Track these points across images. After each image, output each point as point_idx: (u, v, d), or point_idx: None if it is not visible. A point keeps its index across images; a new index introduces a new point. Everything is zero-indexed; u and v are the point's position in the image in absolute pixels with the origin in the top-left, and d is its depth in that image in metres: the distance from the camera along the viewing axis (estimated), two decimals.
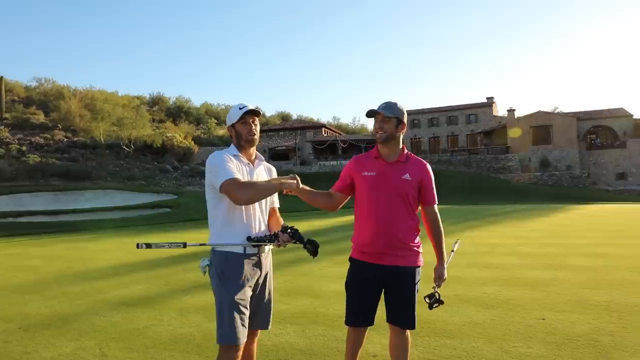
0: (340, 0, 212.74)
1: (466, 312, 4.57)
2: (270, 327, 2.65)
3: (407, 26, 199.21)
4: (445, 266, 2.73)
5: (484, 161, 44.90)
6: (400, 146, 2.64)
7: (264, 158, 2.71)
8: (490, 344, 3.72)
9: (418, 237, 2.66)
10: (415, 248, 2.60)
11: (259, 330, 2.66)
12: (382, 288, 2.59)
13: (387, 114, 2.53)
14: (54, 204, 23.42)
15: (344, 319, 2.69)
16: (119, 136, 43.86)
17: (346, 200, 2.82)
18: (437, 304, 2.65)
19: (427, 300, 2.66)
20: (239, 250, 2.46)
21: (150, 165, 42.52)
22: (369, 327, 2.72)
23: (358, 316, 2.62)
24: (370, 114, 2.60)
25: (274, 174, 2.77)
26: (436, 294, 2.66)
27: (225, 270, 2.44)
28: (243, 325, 2.41)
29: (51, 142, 44.73)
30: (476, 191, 32.45)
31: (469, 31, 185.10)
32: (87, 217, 20.43)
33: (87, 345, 4.10)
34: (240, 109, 2.52)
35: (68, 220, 19.58)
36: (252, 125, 2.56)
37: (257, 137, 2.59)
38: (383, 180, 2.55)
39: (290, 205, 8.15)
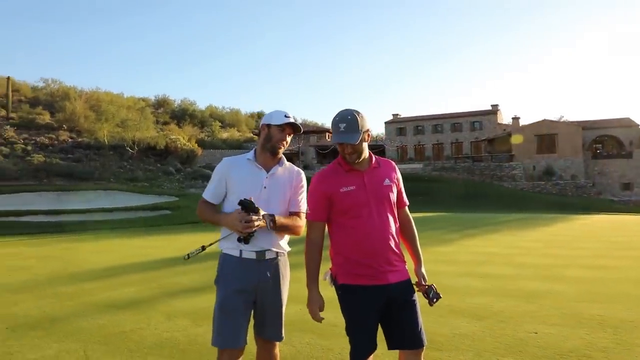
0: (346, 4, 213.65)
1: (456, 323, 4.48)
2: (282, 338, 2.56)
3: (415, 33, 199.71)
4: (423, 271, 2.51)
5: (488, 169, 44.68)
6: (368, 152, 2.40)
7: (285, 162, 2.59)
8: (479, 357, 3.63)
9: None
10: (403, 257, 2.40)
11: (277, 343, 2.57)
12: (382, 309, 2.30)
13: (355, 142, 2.24)
14: (56, 204, 23.48)
15: (350, 355, 2.32)
16: (123, 137, 43.99)
17: None
18: (436, 299, 2.44)
19: (426, 295, 2.44)
20: (235, 253, 2.44)
21: (153, 167, 42.61)
22: None
23: (367, 348, 2.29)
24: (337, 144, 2.31)
25: (297, 177, 2.61)
26: (433, 287, 2.44)
27: (220, 271, 2.49)
28: (232, 330, 2.38)
29: (56, 142, 44.90)
30: (479, 199, 32.28)
31: (476, 37, 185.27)
32: (88, 217, 20.47)
33: (71, 348, 4.06)
34: (285, 116, 2.50)
35: (68, 220, 19.62)
36: (287, 136, 2.52)
37: (282, 150, 2.54)
38: (367, 192, 2.31)
39: None
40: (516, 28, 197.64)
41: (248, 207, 2.28)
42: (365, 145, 2.34)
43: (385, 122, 56.73)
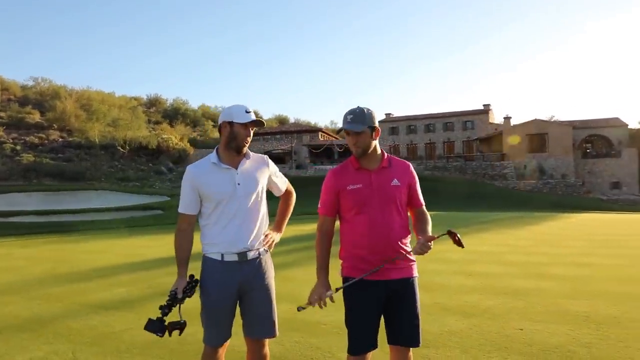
0: (340, 4, 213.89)
1: (445, 321, 4.54)
2: (275, 334, 2.59)
3: (407, 33, 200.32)
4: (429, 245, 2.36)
5: (480, 168, 44.95)
6: (379, 151, 2.47)
7: (250, 153, 2.58)
8: (466, 354, 3.69)
9: (410, 246, 2.50)
10: (411, 257, 2.45)
11: (266, 341, 2.61)
12: (383, 306, 2.40)
13: (358, 130, 2.34)
14: (46, 204, 23.32)
15: (348, 348, 2.40)
16: (114, 137, 43.81)
17: None
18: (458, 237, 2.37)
19: (453, 237, 2.37)
20: (217, 257, 2.48)
21: (145, 167, 42.44)
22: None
23: (365, 342, 2.37)
24: (341, 131, 2.42)
25: (266, 162, 2.66)
26: (452, 231, 2.37)
27: (202, 274, 2.53)
28: (216, 329, 2.49)
29: (46, 141, 44.59)
30: (470, 198, 32.45)
31: (467, 38, 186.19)
32: (78, 217, 20.34)
33: (60, 349, 4.06)
34: (246, 112, 2.46)
35: (59, 220, 19.48)
36: (250, 132, 2.51)
37: (247, 146, 2.53)
38: (372, 191, 2.37)
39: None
40: (507, 28, 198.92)
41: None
42: (374, 142, 2.42)
43: (378, 122, 56.81)
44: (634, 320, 4.42)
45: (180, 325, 2.32)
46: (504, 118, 50.17)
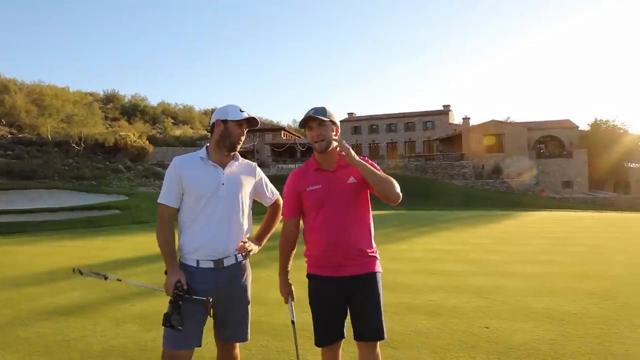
0: (302, 4, 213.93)
1: (412, 321, 4.53)
2: (247, 339, 2.59)
3: (370, 34, 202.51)
4: (355, 156, 2.33)
5: (440, 167, 45.95)
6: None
7: (239, 157, 2.57)
8: (434, 354, 3.68)
9: (374, 243, 2.54)
10: (372, 254, 2.49)
11: (237, 344, 2.59)
12: (345, 301, 2.46)
13: (322, 117, 2.37)
14: None
15: (314, 340, 2.50)
16: (69, 133, 41.97)
17: None
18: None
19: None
20: (192, 262, 2.42)
21: (101, 165, 40.85)
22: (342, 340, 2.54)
23: (328, 334, 2.46)
24: (305, 121, 2.39)
25: (254, 170, 2.65)
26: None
27: None
28: (182, 334, 2.33)
29: None
30: (431, 197, 33.15)
31: (430, 42, 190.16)
32: (29, 218, 19.32)
33: None
34: (241, 111, 2.44)
35: (7, 221, 18.44)
36: (244, 131, 2.49)
37: (240, 145, 2.50)
38: (331, 191, 2.43)
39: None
40: (468, 31, 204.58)
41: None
42: (334, 138, 2.44)
43: (341, 121, 57.12)
44: (592, 316, 4.56)
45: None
46: (463, 119, 51.44)
